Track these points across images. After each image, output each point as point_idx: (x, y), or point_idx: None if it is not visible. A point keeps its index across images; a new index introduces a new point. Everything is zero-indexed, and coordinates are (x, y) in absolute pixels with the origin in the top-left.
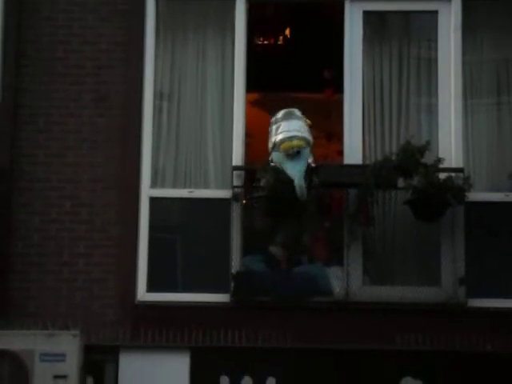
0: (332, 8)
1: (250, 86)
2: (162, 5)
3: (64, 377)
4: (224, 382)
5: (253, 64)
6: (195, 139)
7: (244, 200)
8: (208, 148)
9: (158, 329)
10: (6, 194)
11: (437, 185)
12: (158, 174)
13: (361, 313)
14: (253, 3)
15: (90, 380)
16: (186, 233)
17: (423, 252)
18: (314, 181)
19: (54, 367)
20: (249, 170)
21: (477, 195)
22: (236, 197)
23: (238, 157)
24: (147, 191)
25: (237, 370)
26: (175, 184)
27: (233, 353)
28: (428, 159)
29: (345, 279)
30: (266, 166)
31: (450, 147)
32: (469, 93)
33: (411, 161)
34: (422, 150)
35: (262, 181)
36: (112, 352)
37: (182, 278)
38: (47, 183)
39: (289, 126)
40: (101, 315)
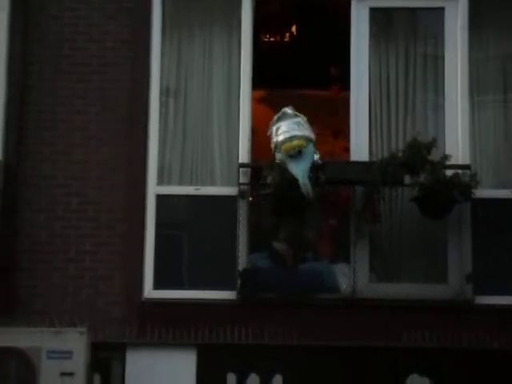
0: (338, 5)
1: (257, 83)
2: (168, 2)
3: (71, 374)
4: (230, 380)
5: (259, 61)
6: (201, 136)
7: (250, 197)
8: (214, 145)
9: (165, 326)
10: (12, 192)
11: (443, 182)
12: (165, 172)
13: (367, 310)
14: (259, 0)
15: (97, 377)
16: (193, 230)
17: (430, 249)
18: (321, 178)
19: (61, 364)
20: (255, 168)
21: (483, 192)
22: (242, 194)
23: (244, 154)
24: (154, 188)
25: (243, 368)
26: (181, 181)
27: (239, 350)
28: (435, 156)
29: (351, 276)
30: (272, 164)
31: (457, 144)
32: (475, 90)
33: (418, 158)
34: (429, 147)
35: (268, 178)
36: (119, 349)
37: (189, 276)
38: (53, 181)
39: (287, 126)
40: (107, 312)
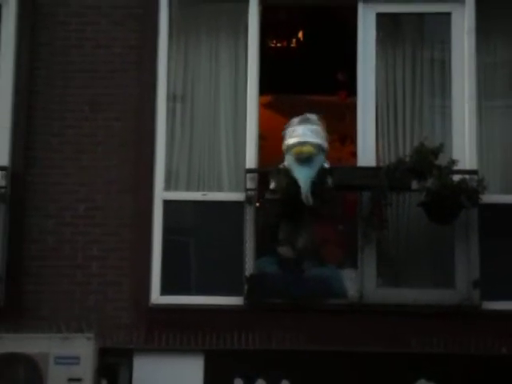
0: (345, 10)
1: (264, 89)
2: (176, 8)
3: (78, 380)
4: None
5: (266, 66)
6: (208, 142)
7: (257, 202)
8: (221, 151)
9: (172, 332)
10: (20, 198)
11: (451, 187)
12: (172, 177)
13: (375, 315)
14: (266, 6)
15: (105, 383)
16: (200, 235)
17: (437, 254)
18: (327, 183)
19: (69, 370)
20: (262, 173)
21: (491, 197)
22: (249, 199)
23: (252, 159)
24: (161, 194)
25: (251, 373)
26: (189, 187)
27: (247, 355)
28: (442, 161)
29: (359, 281)
30: (279, 169)
31: (464, 149)
32: (482, 94)
33: (425, 163)
34: (436, 152)
35: (274, 183)
36: (126, 355)
37: (196, 281)
38: (61, 186)
39: (302, 131)
40: (115, 318)
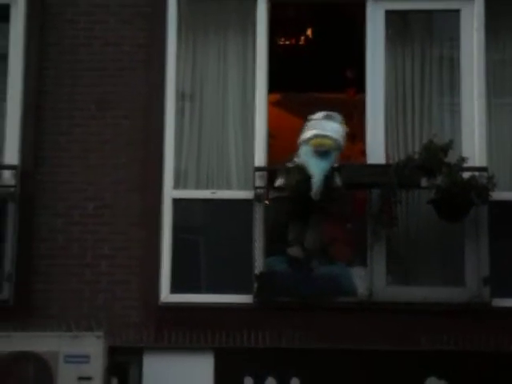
0: (354, 8)
1: (272, 87)
2: (184, 6)
3: (88, 378)
4: (248, 383)
5: (274, 64)
6: (217, 140)
7: (266, 200)
8: (230, 149)
9: (182, 330)
10: (29, 197)
11: (460, 184)
12: (181, 176)
13: (384, 313)
14: (274, 3)
15: (115, 381)
16: (209, 234)
17: (447, 252)
18: (336, 182)
19: (79, 369)
20: (271, 171)
21: (501, 194)
22: (258, 197)
23: (261, 157)
24: (170, 192)
25: (261, 371)
26: (198, 185)
27: (256, 354)
28: (451, 158)
29: (368, 279)
30: (289, 167)
31: (474, 146)
32: (492, 92)
33: (434, 160)
34: (446, 149)
35: (283, 181)
36: (136, 353)
37: (205, 280)
38: (70, 185)
39: (326, 126)
40: (124, 317)
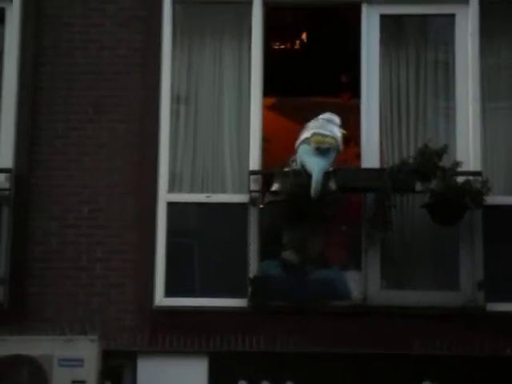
0: (349, 12)
1: (267, 91)
2: (179, 10)
3: (82, 382)
4: None
5: (270, 68)
6: (212, 144)
7: (261, 204)
8: (225, 152)
9: (176, 334)
10: (24, 200)
11: (455, 188)
12: (176, 179)
13: (378, 317)
14: (270, 8)
15: None
16: (204, 237)
17: (441, 256)
18: (331, 186)
19: (73, 372)
20: (266, 175)
21: (495, 199)
22: (253, 201)
23: (255, 161)
24: (165, 196)
25: (255, 375)
26: (192, 189)
27: (250, 358)
28: (446, 163)
29: (362, 283)
30: (285, 170)
31: (468, 150)
32: (486, 96)
33: (429, 164)
34: (440, 154)
35: (275, 185)
36: (130, 357)
37: (200, 283)
38: (65, 188)
39: (326, 127)
40: (118, 320)
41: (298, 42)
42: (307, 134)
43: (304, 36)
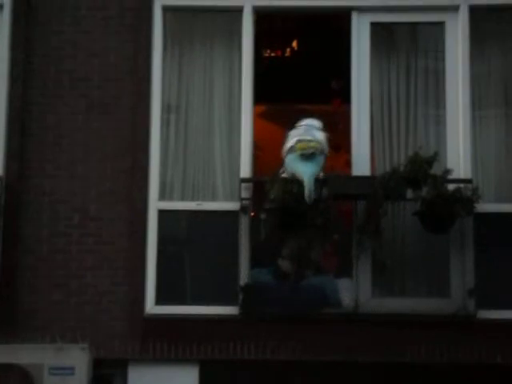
0: (339, 20)
1: (258, 98)
2: (170, 18)
3: None
4: None
5: (260, 76)
6: (203, 151)
7: (252, 212)
8: (216, 160)
9: (167, 342)
10: (14, 207)
11: (445, 196)
12: (166, 187)
13: (370, 325)
14: (260, 15)
15: None
16: (195, 245)
17: (432, 263)
18: (323, 193)
19: (63, 381)
20: (257, 182)
21: (486, 206)
22: (244, 209)
23: (246, 169)
24: (155, 204)
25: (246, 383)
26: (183, 196)
27: (242, 366)
28: (436, 170)
29: (354, 291)
30: (275, 178)
31: (459, 158)
32: (477, 104)
33: (420, 172)
34: (431, 161)
35: (271, 192)
36: (121, 365)
37: (191, 291)
38: (55, 196)
39: (308, 133)
40: (109, 328)
41: (289, 50)
42: (291, 143)
43: (294, 44)
